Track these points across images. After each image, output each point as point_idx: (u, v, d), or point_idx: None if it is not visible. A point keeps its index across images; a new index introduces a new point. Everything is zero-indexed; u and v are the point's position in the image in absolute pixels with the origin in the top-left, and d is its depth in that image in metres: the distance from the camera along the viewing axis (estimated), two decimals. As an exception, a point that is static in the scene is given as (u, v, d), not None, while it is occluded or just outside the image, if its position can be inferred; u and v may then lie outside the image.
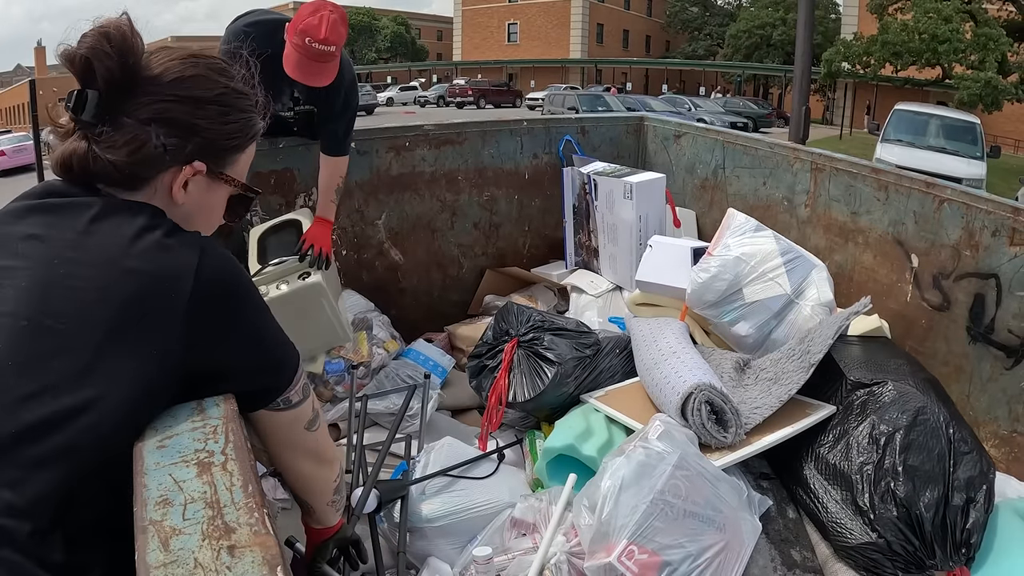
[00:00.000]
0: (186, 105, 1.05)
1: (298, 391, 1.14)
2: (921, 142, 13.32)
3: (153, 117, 1.03)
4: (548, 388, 2.15)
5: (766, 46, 44.99)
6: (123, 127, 1.02)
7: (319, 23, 2.23)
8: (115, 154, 1.02)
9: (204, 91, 1.07)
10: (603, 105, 25.18)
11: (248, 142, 1.16)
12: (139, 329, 0.93)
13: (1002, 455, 2.02)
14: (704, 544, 1.52)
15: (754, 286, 2.25)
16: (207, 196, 1.13)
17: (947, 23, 23.25)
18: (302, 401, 1.16)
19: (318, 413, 1.24)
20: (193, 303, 0.95)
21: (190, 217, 1.11)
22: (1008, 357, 2.02)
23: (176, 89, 1.04)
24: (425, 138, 3.07)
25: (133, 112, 1.02)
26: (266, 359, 1.08)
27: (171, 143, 1.04)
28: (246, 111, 1.13)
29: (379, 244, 3.07)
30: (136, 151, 1.02)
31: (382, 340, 2.66)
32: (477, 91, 41.27)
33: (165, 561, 0.69)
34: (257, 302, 1.06)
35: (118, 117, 1.02)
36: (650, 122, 3.54)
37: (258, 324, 1.06)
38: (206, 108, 1.07)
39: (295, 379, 1.13)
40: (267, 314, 1.08)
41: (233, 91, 1.11)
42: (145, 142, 1.02)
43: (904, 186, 2.33)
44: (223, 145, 1.11)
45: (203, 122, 1.07)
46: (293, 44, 2.25)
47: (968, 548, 1.58)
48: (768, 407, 1.83)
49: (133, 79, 1.02)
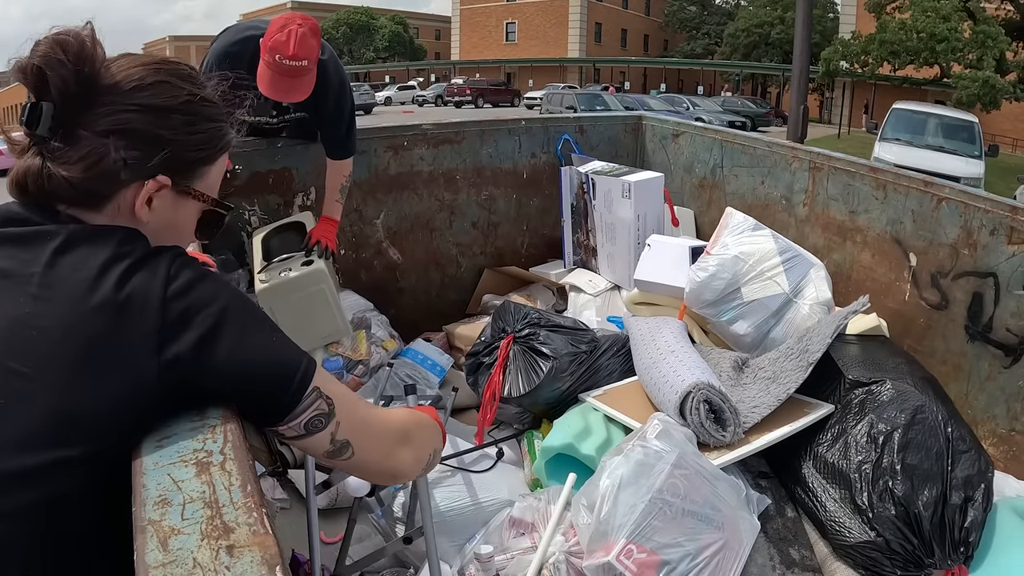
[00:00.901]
0: (148, 115, 0.97)
1: (309, 416, 0.97)
2: (919, 141, 13.34)
3: (111, 129, 0.95)
4: (543, 383, 2.15)
5: (764, 45, 45.00)
6: (79, 141, 0.94)
7: (287, 39, 2.20)
8: (70, 170, 0.93)
9: (168, 99, 0.99)
10: (601, 104, 25.18)
11: (217, 154, 1.07)
12: (110, 369, 0.85)
13: (1000, 453, 2.02)
14: (703, 543, 1.52)
15: (752, 285, 2.25)
16: (174, 213, 1.03)
17: (945, 22, 23.26)
18: (321, 428, 0.99)
19: (359, 424, 1.05)
20: (163, 333, 0.87)
21: (157, 236, 1.01)
22: (1006, 356, 2.02)
23: (136, 98, 0.96)
24: (423, 137, 3.07)
25: (90, 124, 0.94)
26: (253, 383, 0.95)
27: (131, 156, 0.96)
28: (215, 120, 1.05)
29: (377, 243, 3.07)
30: (92, 166, 0.94)
31: (381, 339, 2.66)
32: (475, 90, 41.26)
33: (164, 561, 0.69)
34: (240, 321, 0.94)
35: (74, 130, 0.94)
36: (648, 121, 3.54)
37: (242, 346, 0.93)
38: (170, 117, 0.99)
39: (298, 404, 0.96)
40: (255, 334, 0.95)
41: (200, 99, 1.03)
42: (102, 156, 0.94)
43: (902, 185, 2.33)
44: (190, 157, 1.03)
45: (167, 133, 0.98)
46: (265, 62, 2.24)
47: (967, 547, 1.58)
48: (766, 406, 1.83)
49: (90, 89, 0.94)
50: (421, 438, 1.17)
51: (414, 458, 1.15)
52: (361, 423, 1.05)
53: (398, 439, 1.11)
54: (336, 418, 1.00)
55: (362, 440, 1.05)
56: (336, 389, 1.02)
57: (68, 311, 0.86)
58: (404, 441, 1.12)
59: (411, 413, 1.22)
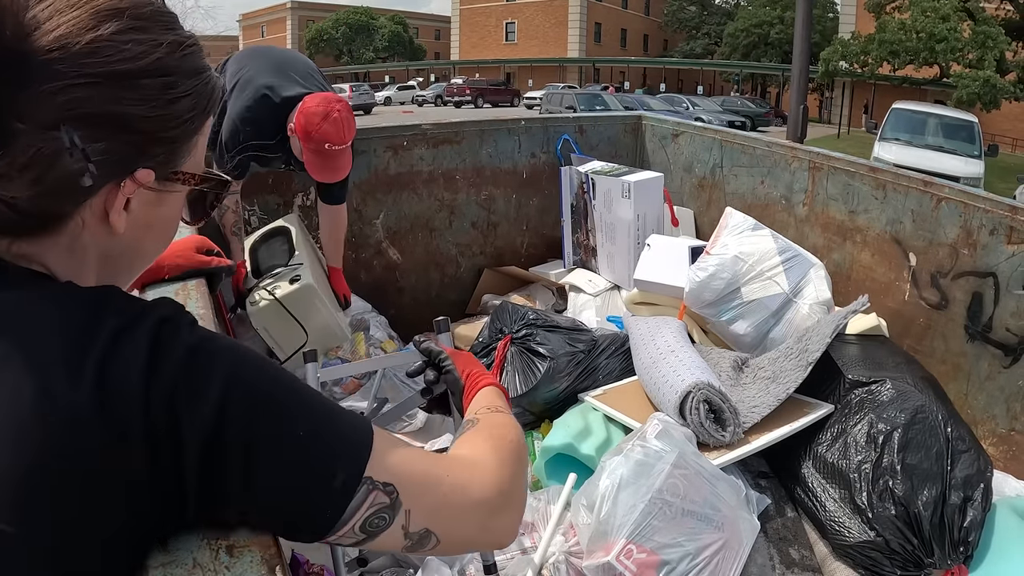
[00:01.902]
0: (109, 87, 0.65)
1: (364, 517, 0.72)
2: (919, 141, 13.35)
3: (61, 116, 0.64)
4: (540, 383, 2.15)
5: (764, 45, 45.02)
6: (15, 139, 0.63)
7: (335, 129, 2.21)
8: (12, 186, 0.64)
9: (134, 58, 0.67)
10: (601, 104, 25.18)
11: (206, 116, 0.77)
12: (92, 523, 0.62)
13: (1000, 453, 2.02)
14: (702, 543, 1.52)
15: (752, 285, 2.25)
16: (156, 209, 0.76)
17: (945, 22, 23.26)
18: (385, 526, 0.73)
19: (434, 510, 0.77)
20: (157, 469, 0.63)
21: (136, 244, 0.77)
22: (1006, 355, 2.02)
23: (89, 64, 0.64)
24: (423, 137, 3.07)
25: (28, 113, 0.63)
26: (279, 513, 0.70)
27: (96, 151, 0.65)
28: (198, 72, 0.74)
29: (377, 243, 3.07)
30: (43, 177, 0.64)
31: (379, 340, 2.66)
32: (475, 90, 41.26)
33: (164, 561, 0.69)
34: (252, 420, 0.67)
35: (6, 122, 0.62)
36: (648, 121, 3.54)
37: (258, 463, 0.67)
38: (140, 85, 0.68)
39: (343, 512, 0.70)
40: (275, 430, 0.68)
41: (179, 46, 0.71)
42: (55, 158, 0.64)
43: (902, 185, 2.33)
44: (173, 135, 0.72)
45: (138, 108, 0.68)
46: (311, 151, 2.23)
47: (966, 546, 1.58)
48: (766, 406, 1.83)
49: (17, 61, 0.62)
50: (517, 475, 0.88)
51: (518, 513, 0.87)
52: (441, 504, 0.77)
53: (496, 504, 0.82)
54: (404, 507, 0.74)
55: (447, 524, 0.78)
56: (398, 466, 0.74)
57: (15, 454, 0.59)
58: (505, 502, 0.83)
59: (498, 444, 0.90)
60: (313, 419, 0.71)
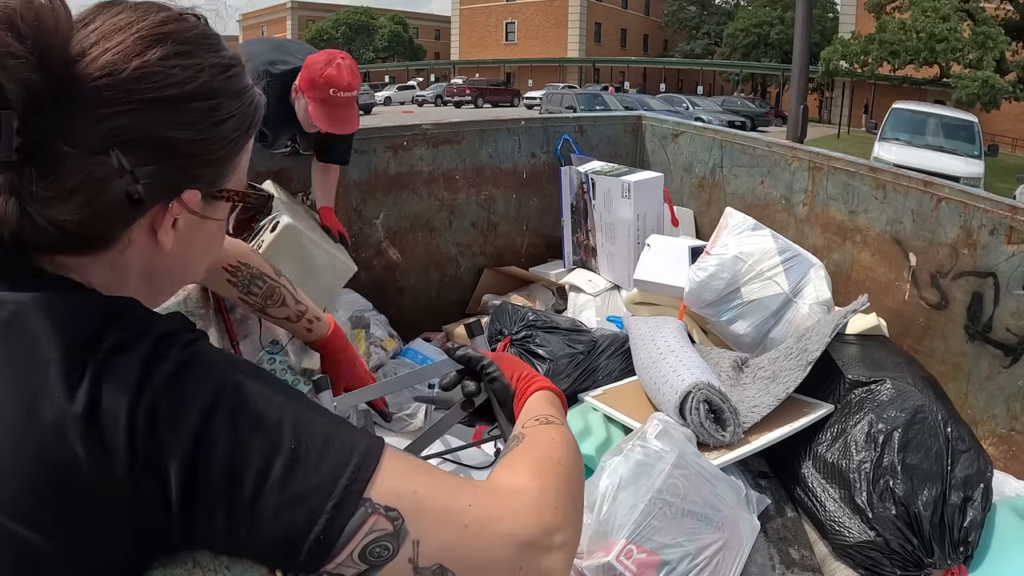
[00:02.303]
0: (156, 112, 0.67)
1: (361, 544, 0.65)
2: (919, 141, 13.36)
3: (110, 140, 0.65)
4: None
5: (764, 45, 45.04)
6: (63, 163, 0.64)
7: (339, 72, 2.25)
8: (61, 210, 0.65)
9: (180, 83, 0.69)
10: (601, 104, 25.18)
11: (249, 134, 0.79)
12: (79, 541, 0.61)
13: (1000, 453, 2.02)
14: (703, 543, 1.52)
15: (752, 285, 2.25)
16: (202, 226, 0.78)
17: (945, 22, 23.27)
18: (388, 556, 0.66)
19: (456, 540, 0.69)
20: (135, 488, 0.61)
21: (182, 260, 0.79)
22: (1006, 355, 2.02)
23: (137, 90, 0.66)
24: (423, 137, 3.07)
25: (77, 138, 0.64)
26: (265, 546, 0.65)
27: (145, 174, 0.67)
28: (242, 93, 0.76)
29: (377, 243, 3.07)
30: (93, 200, 0.66)
31: (380, 339, 2.65)
32: (475, 90, 41.30)
33: (164, 561, 0.69)
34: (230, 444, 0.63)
35: (55, 147, 0.64)
36: (648, 121, 3.54)
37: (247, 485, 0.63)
38: (187, 110, 0.70)
39: (338, 539, 0.65)
40: (255, 454, 0.64)
41: (220, 69, 0.73)
42: (105, 182, 0.66)
43: (902, 185, 2.33)
44: (219, 156, 0.75)
45: (185, 132, 0.70)
46: (317, 99, 2.26)
47: (966, 546, 1.58)
48: (766, 405, 1.83)
49: (67, 90, 0.64)
50: (565, 505, 0.76)
51: (566, 552, 0.74)
52: (460, 538, 0.68)
53: (535, 542, 0.71)
54: (411, 536, 0.66)
55: (468, 563, 0.69)
56: (405, 489, 0.68)
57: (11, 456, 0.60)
58: (547, 540, 0.72)
59: (543, 467, 0.79)
60: (306, 435, 0.66)
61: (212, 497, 0.63)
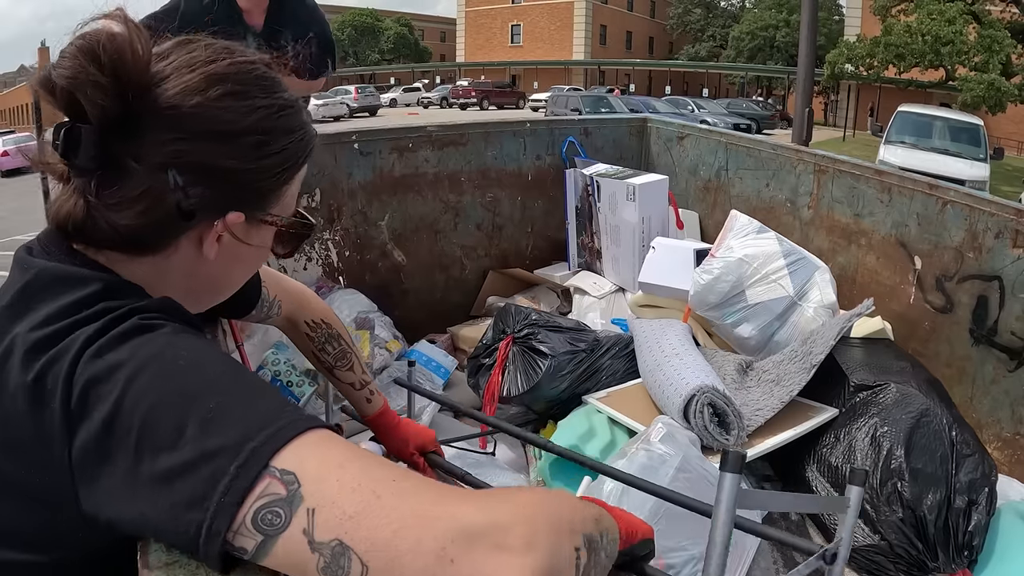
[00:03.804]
0: (211, 143, 0.77)
1: (253, 508, 0.58)
2: (924, 144, 13.32)
3: (169, 161, 0.76)
4: (542, 380, 2.14)
5: (769, 48, 44.99)
6: (130, 176, 0.75)
7: None
8: (122, 215, 0.76)
9: (236, 120, 0.79)
10: (606, 107, 25.17)
11: (298, 168, 0.88)
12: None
13: (1005, 457, 2.02)
14: (706, 546, 1.51)
15: (757, 288, 2.25)
16: (246, 244, 0.86)
17: (951, 25, 23.19)
18: (279, 526, 0.58)
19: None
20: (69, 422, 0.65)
21: (224, 272, 0.88)
22: (1011, 359, 2.01)
23: (198, 122, 0.76)
24: (428, 139, 3.07)
25: (143, 154, 0.75)
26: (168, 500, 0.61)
27: (196, 193, 0.77)
28: (294, 131, 0.85)
29: (382, 245, 3.07)
30: (150, 210, 0.76)
31: (384, 340, 2.66)
32: (480, 92, 41.33)
33: (167, 561, 0.69)
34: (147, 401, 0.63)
35: (123, 161, 0.75)
36: (653, 124, 3.54)
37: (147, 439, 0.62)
38: (239, 143, 0.79)
39: (222, 511, 0.58)
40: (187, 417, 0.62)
41: (277, 109, 0.83)
42: (161, 196, 0.76)
43: (907, 188, 2.32)
44: (266, 186, 0.85)
45: (234, 163, 0.79)
46: None
47: (970, 551, 1.58)
48: (770, 408, 1.83)
49: (139, 114, 0.74)
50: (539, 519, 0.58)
51: (530, 556, 0.54)
52: (366, 510, 0.56)
53: (477, 530, 0.55)
54: (305, 503, 0.58)
55: (375, 543, 0.55)
56: (315, 459, 0.60)
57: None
58: (498, 534, 0.54)
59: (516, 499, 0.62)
60: (229, 400, 0.64)
61: (120, 454, 0.62)
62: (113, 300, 0.72)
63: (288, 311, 1.36)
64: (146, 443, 0.61)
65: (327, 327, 1.42)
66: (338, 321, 1.46)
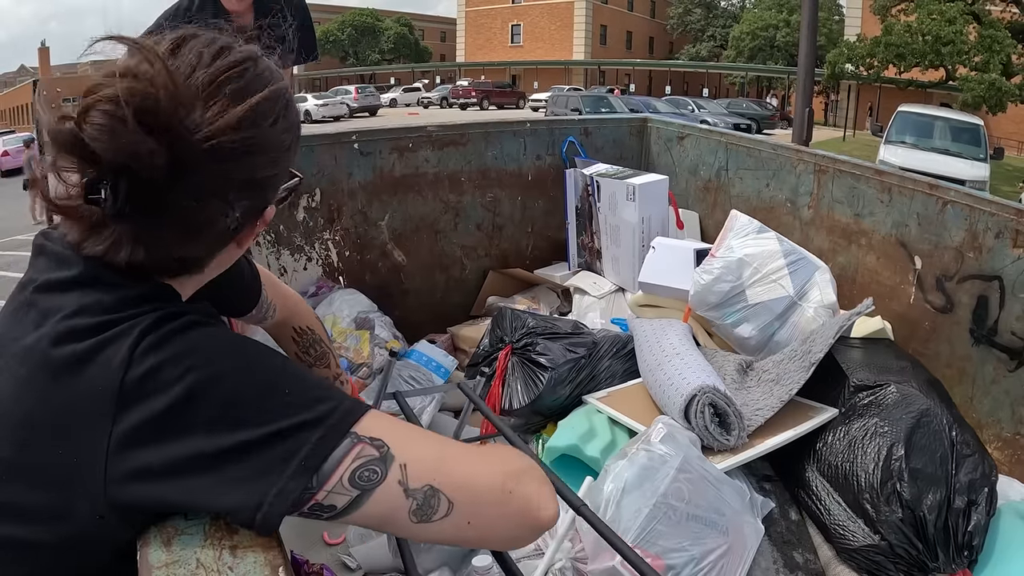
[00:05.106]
0: (248, 164, 0.81)
1: (351, 468, 0.73)
2: (924, 144, 13.32)
3: (214, 190, 0.79)
4: (543, 393, 2.14)
5: (769, 48, 44.97)
6: (179, 211, 0.77)
7: None
8: (174, 248, 0.80)
9: (264, 137, 0.82)
10: (606, 107, 25.16)
11: (299, 144, 0.94)
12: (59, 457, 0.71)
13: (1005, 457, 2.01)
14: (707, 547, 1.51)
15: (757, 288, 2.24)
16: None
17: (951, 25, 23.18)
18: (377, 479, 0.74)
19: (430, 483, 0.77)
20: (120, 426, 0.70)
21: (233, 256, 0.93)
22: (1011, 359, 2.01)
23: (234, 155, 0.79)
24: (428, 139, 3.07)
25: (185, 188, 0.76)
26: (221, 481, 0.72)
27: (240, 207, 0.82)
28: (297, 123, 0.90)
29: (382, 245, 3.07)
30: (203, 237, 0.82)
31: (384, 340, 2.66)
32: (480, 92, 41.33)
33: (168, 561, 0.69)
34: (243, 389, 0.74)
35: (166, 198, 0.76)
36: (653, 124, 3.54)
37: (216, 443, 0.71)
38: (267, 154, 0.84)
39: (318, 470, 0.72)
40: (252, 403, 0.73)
41: (285, 104, 0.87)
42: (212, 222, 0.81)
43: (907, 188, 2.32)
44: (283, 171, 0.90)
45: (264, 172, 0.84)
46: None
47: (970, 551, 1.58)
48: (770, 408, 1.83)
49: (182, 153, 0.75)
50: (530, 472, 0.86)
51: (541, 484, 0.85)
52: (443, 459, 0.78)
53: (520, 468, 0.84)
54: (398, 461, 0.75)
55: (456, 480, 0.78)
56: (388, 428, 0.77)
57: (19, 366, 0.74)
58: (525, 472, 0.84)
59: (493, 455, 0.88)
60: (299, 385, 0.77)
61: (192, 432, 0.70)
62: (158, 300, 0.79)
63: (282, 316, 1.43)
64: (225, 422, 0.71)
65: (312, 333, 1.52)
66: (321, 327, 1.56)
